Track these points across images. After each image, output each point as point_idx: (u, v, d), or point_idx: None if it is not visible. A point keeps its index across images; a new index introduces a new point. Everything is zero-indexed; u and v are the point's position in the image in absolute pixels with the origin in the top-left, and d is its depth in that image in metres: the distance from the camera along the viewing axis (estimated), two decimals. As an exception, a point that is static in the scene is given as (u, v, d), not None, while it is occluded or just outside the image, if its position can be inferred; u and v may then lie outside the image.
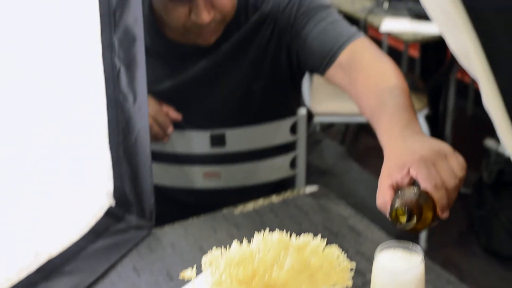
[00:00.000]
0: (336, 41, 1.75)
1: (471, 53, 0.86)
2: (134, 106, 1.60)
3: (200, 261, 1.25)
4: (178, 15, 1.72)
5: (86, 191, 1.65)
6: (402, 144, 1.34)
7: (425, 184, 1.22)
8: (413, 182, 1.25)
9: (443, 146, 1.29)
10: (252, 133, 1.95)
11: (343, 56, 1.73)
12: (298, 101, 2.04)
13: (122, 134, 1.64)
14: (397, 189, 1.25)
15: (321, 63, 1.77)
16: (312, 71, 1.85)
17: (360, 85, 1.64)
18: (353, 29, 1.79)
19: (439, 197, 1.22)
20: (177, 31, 1.79)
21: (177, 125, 1.93)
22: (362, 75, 1.65)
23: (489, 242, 3.25)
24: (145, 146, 1.66)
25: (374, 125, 1.50)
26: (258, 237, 1.22)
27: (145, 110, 1.61)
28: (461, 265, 3.18)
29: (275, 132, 1.98)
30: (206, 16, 1.70)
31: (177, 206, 2.05)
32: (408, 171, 1.25)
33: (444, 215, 1.24)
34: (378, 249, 1.17)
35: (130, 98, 1.58)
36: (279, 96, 1.95)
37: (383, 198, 1.25)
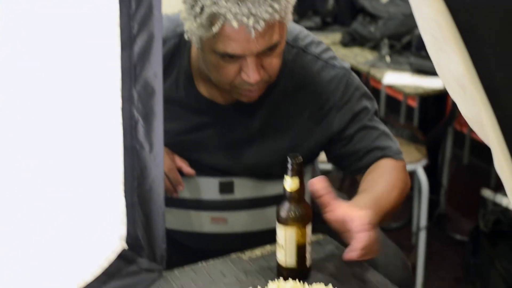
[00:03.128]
0: (379, 154, 1.96)
1: (485, 122, 0.93)
2: (150, 155, 1.66)
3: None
4: (228, 72, 1.79)
5: (99, 234, 1.71)
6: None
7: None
8: None
9: None
10: (260, 181, 2.01)
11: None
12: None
13: (137, 181, 1.70)
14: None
15: (357, 169, 2.01)
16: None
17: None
18: (396, 144, 2.00)
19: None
20: (221, 87, 1.87)
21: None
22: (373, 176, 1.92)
23: (485, 290, 3.30)
24: (159, 193, 1.72)
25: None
26: (272, 285, 1.27)
27: (160, 159, 1.67)
28: (457, 312, 3.24)
29: (282, 181, 2.03)
30: (256, 76, 1.77)
31: (185, 249, 2.10)
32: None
33: None
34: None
35: (146, 147, 1.64)
36: None
37: None
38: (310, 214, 1.65)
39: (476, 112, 0.95)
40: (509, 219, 3.15)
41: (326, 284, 1.61)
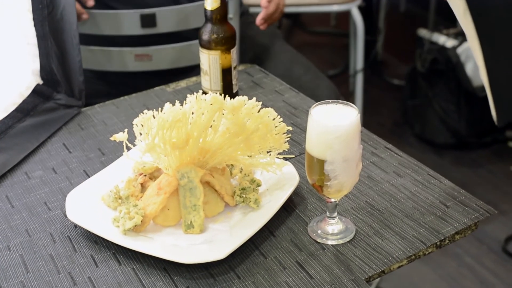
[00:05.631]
0: None
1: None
2: (58, -22, 1.53)
3: (132, 134, 1.22)
4: None
5: (10, 69, 1.59)
6: None
7: None
8: None
9: None
10: (183, 12, 1.89)
11: None
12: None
13: (47, 9, 1.57)
14: None
15: None
16: None
17: None
18: None
19: None
20: None
21: (107, 5, 1.86)
22: None
23: (423, 131, 3.28)
24: (72, 22, 1.60)
25: None
26: (191, 97, 1.18)
27: (70, -17, 1.54)
28: (395, 155, 3.21)
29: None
30: None
31: (108, 92, 1.99)
32: None
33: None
34: (313, 105, 1.15)
35: (53, -31, 1.51)
36: None
37: None
38: (234, 36, 1.54)
39: None
40: (446, 58, 3.09)
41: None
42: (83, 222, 1.22)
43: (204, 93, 1.57)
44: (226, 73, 1.55)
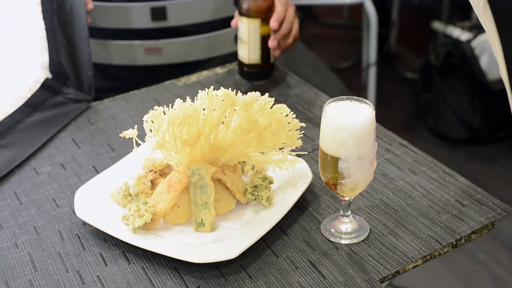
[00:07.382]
0: None
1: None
2: (67, -29, 1.51)
3: (142, 130, 1.19)
4: None
5: (18, 63, 1.57)
6: None
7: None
8: None
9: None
10: (194, 5, 1.87)
11: None
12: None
13: (56, 1, 1.55)
14: None
15: None
16: None
17: None
18: None
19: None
20: None
21: (116, -2, 1.85)
22: None
23: (436, 125, 3.24)
24: (81, 15, 1.57)
25: None
26: (202, 93, 1.15)
27: (80, -23, 1.52)
28: (408, 149, 3.18)
29: (218, 4, 1.89)
30: None
31: (118, 86, 1.97)
32: None
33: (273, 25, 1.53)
34: (327, 102, 1.12)
35: (62, -39, 1.49)
36: None
37: None
38: (273, 5, 1.55)
39: None
40: (460, 51, 3.06)
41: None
42: (92, 219, 1.20)
43: (241, 62, 1.59)
44: (265, 42, 1.55)
